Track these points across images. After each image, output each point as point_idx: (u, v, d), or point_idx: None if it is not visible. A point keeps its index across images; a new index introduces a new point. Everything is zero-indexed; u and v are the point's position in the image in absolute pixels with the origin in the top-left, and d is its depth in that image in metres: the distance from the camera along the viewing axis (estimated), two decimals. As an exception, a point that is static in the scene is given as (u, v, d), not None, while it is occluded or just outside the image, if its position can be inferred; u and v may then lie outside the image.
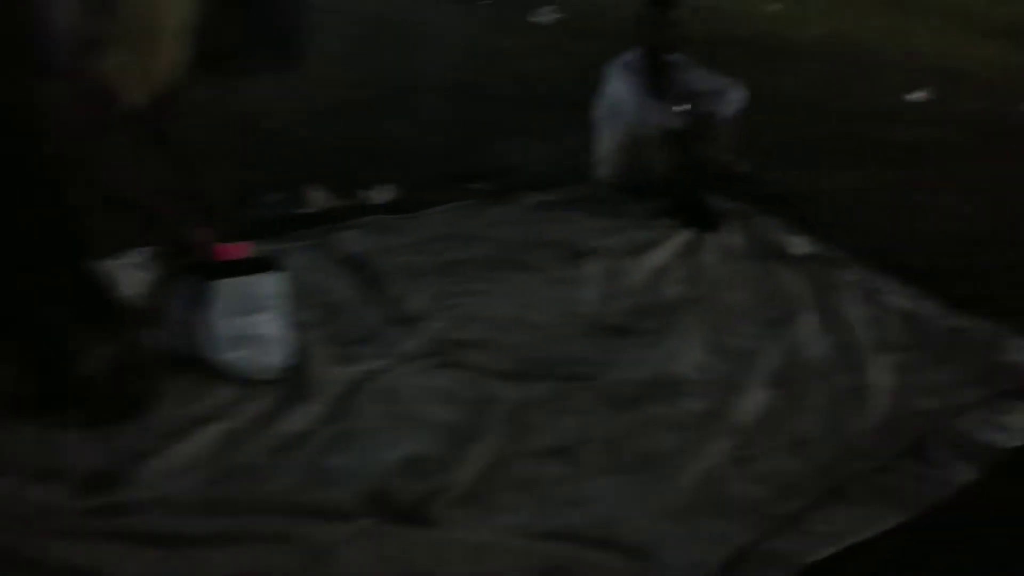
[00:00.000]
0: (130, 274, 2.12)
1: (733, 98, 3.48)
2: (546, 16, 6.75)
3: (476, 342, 2.38)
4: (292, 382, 2.12)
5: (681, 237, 3.25)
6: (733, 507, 1.87)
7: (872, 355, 2.50)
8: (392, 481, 1.81)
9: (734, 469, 2.00)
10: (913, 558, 1.80)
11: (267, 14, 1.84)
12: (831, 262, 3.14)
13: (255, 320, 2.05)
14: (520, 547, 1.68)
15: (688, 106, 3.47)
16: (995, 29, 7.36)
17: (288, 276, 2.18)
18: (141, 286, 2.01)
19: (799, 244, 3.27)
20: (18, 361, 1.58)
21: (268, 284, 2.10)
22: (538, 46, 6.11)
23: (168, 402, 1.95)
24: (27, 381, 1.59)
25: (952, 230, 3.53)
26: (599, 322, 2.58)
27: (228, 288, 1.98)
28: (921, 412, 2.26)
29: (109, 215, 1.74)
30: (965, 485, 2.01)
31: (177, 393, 1.99)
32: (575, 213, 3.43)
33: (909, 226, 3.56)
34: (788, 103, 5.27)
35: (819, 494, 1.93)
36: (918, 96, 5.69)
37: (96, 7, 1.33)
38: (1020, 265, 3.16)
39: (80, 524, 1.58)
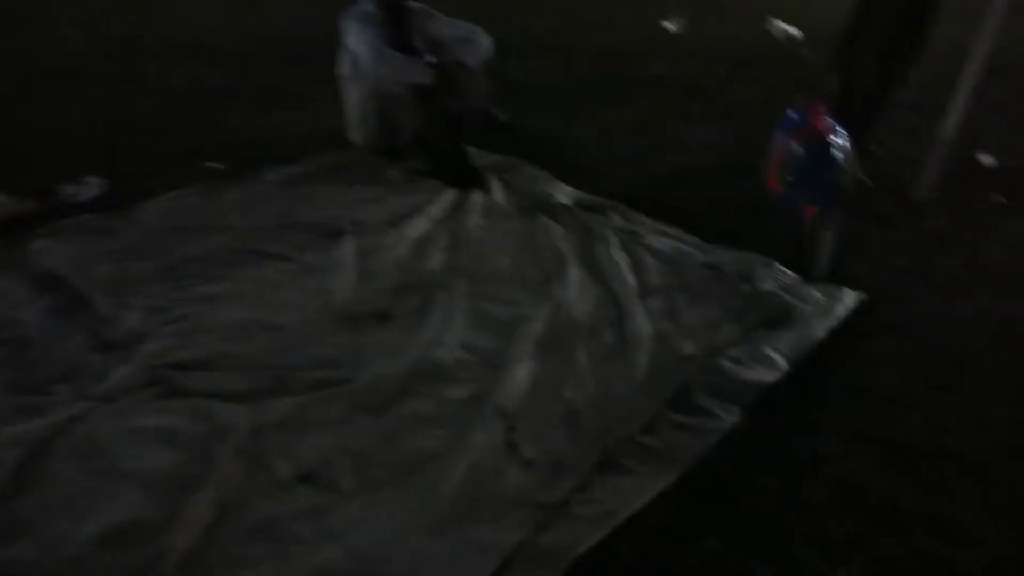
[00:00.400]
0: None
1: (480, 45, 3.27)
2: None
3: (202, 361, 2.04)
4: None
5: (445, 199, 3.04)
6: (502, 503, 1.73)
7: (634, 304, 2.46)
8: (90, 563, 1.48)
9: (503, 458, 1.85)
10: (683, 524, 1.75)
11: None
12: (595, 208, 3.08)
13: None
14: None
15: (434, 57, 3.22)
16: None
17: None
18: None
19: (564, 193, 3.18)
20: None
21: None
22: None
23: None
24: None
25: (704, 162, 3.61)
26: (355, 311, 2.32)
27: None
28: (683, 357, 2.24)
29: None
30: (731, 430, 2.00)
31: None
32: (327, 186, 3.11)
33: (668, 161, 3.59)
34: (544, 45, 5.20)
35: (590, 468, 1.84)
36: (673, 25, 5.84)
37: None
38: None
39: None
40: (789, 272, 2.69)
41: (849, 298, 2.56)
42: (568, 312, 2.41)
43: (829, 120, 2.25)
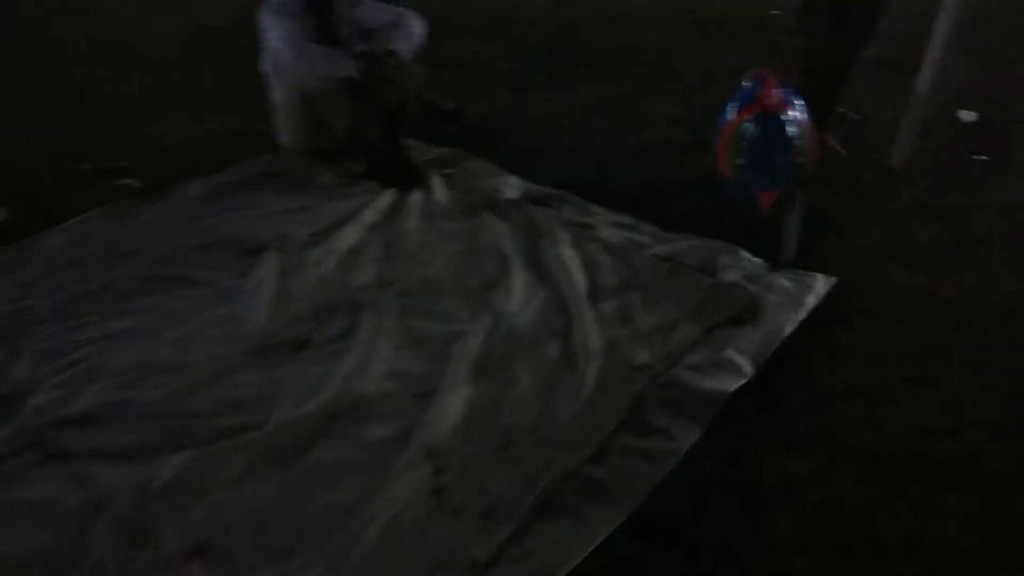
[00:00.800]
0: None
1: (411, 31, 3.01)
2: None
3: (90, 414, 1.81)
4: None
5: (381, 202, 2.80)
6: (426, 565, 1.51)
7: (584, 309, 2.23)
8: None
9: (428, 507, 1.63)
10: (633, 569, 1.53)
11: None
12: (545, 201, 2.84)
13: None
14: None
15: (364, 47, 2.96)
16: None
17: None
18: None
19: (512, 186, 2.94)
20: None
21: None
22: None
23: None
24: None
25: (669, 139, 3.36)
26: (270, 341, 2.09)
27: None
28: (637, 369, 2.02)
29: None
30: (688, 451, 1.78)
31: None
32: (254, 196, 2.86)
33: (628, 141, 3.35)
34: (500, 21, 4.92)
35: (527, 512, 1.62)
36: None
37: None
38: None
39: None
40: (755, 259, 2.46)
41: (820, 284, 2.34)
42: (510, 324, 2.18)
43: (784, 92, 2.00)
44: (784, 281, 2.36)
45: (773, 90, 1.91)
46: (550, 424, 1.85)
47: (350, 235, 2.59)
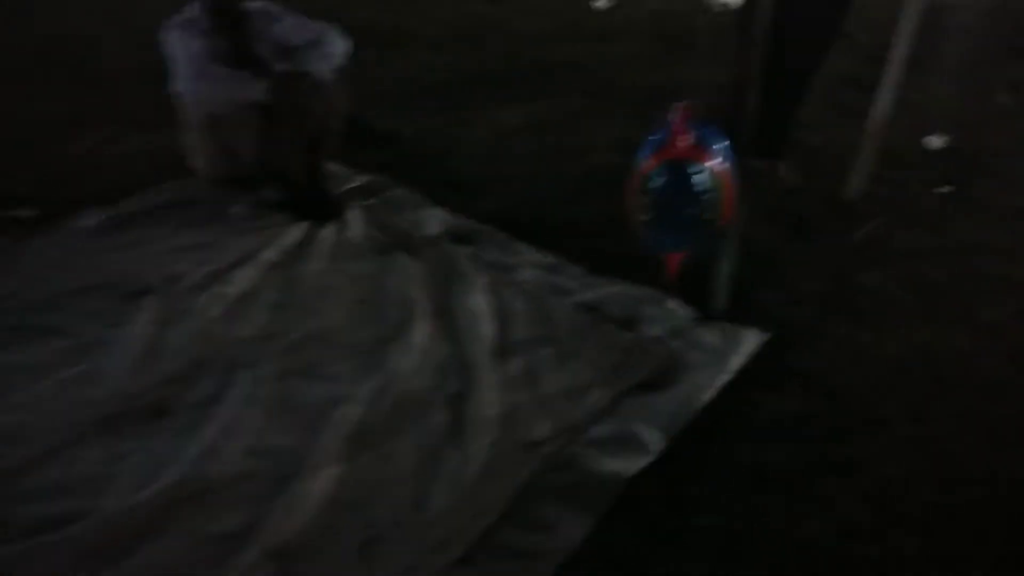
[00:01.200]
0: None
1: (330, 49, 2.78)
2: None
3: None
4: None
5: (287, 239, 2.58)
6: None
7: (486, 369, 2.01)
8: None
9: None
10: None
11: None
12: (467, 238, 2.62)
13: None
14: None
15: (287, 66, 2.74)
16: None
17: None
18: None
19: (434, 220, 2.72)
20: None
21: None
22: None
23: None
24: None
25: (612, 166, 3.13)
26: (124, 407, 1.87)
27: None
28: (532, 445, 1.80)
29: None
30: (575, 551, 1.56)
31: None
32: (153, 228, 2.64)
33: (566, 168, 3.13)
34: (450, 33, 4.68)
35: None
36: (601, 2, 5.32)
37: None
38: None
39: None
40: (682, 309, 2.24)
41: (749, 341, 2.12)
42: (400, 386, 1.97)
43: (701, 132, 1.77)
44: (711, 336, 2.14)
45: (684, 132, 1.67)
46: (422, 516, 1.63)
47: (245, 278, 2.37)
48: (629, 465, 1.74)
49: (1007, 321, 2.18)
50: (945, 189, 2.89)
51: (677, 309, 2.24)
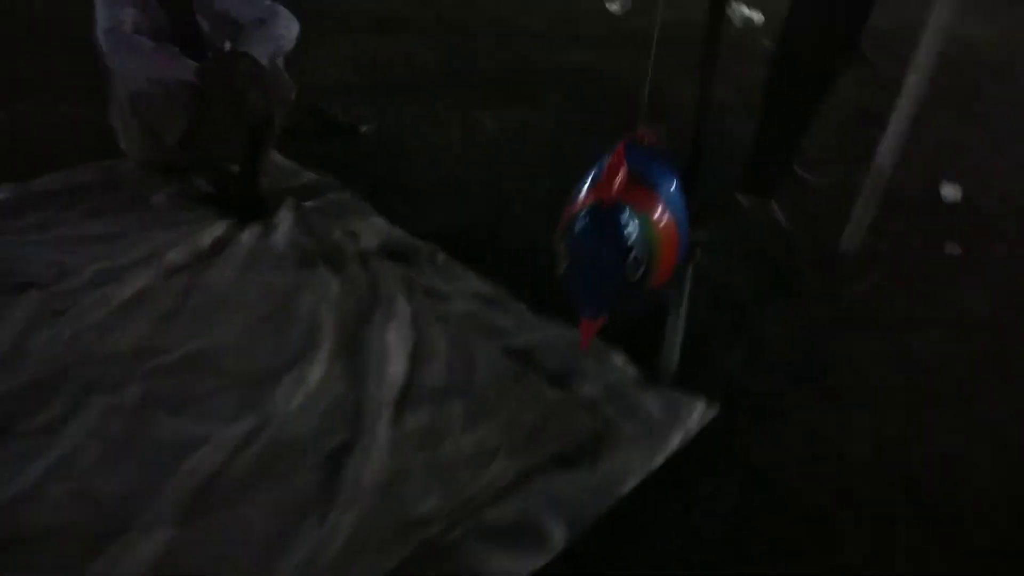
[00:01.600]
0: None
1: (278, 31, 2.48)
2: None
3: None
4: None
5: (204, 237, 2.31)
6: None
7: (381, 422, 1.72)
8: None
9: None
10: None
11: None
12: (404, 255, 2.33)
13: None
14: None
15: (230, 43, 2.47)
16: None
17: None
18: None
19: (373, 232, 2.44)
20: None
21: None
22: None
23: None
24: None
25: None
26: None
27: None
28: (412, 526, 1.51)
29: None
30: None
31: None
32: (60, 213, 2.39)
33: (537, 182, 2.82)
34: (444, 24, 4.39)
35: None
36: (616, 6, 4.99)
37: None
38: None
39: None
40: (627, 365, 1.94)
41: (695, 415, 1.81)
42: (276, 432, 1.68)
43: (646, 168, 1.47)
44: (652, 403, 1.84)
45: (619, 170, 1.36)
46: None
47: (140, 280, 2.10)
48: (521, 565, 1.45)
49: (1005, 421, 1.86)
50: (954, 250, 2.55)
51: (621, 366, 1.94)
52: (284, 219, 2.43)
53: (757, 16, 4.65)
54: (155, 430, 1.66)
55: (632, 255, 1.31)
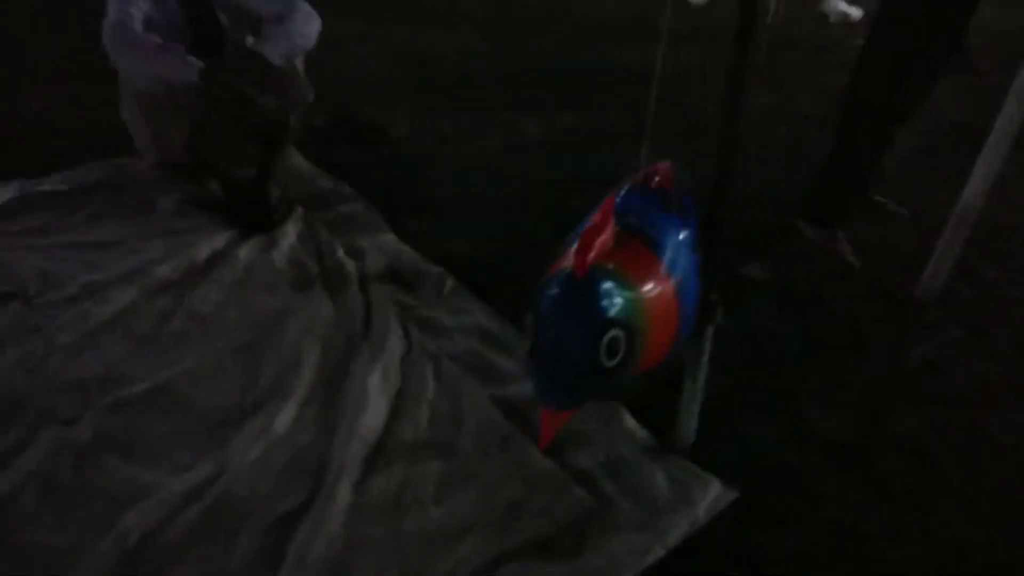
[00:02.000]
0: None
1: (297, 28, 2.31)
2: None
3: None
4: None
5: (201, 251, 2.17)
6: None
7: (345, 480, 1.53)
8: None
9: None
10: None
11: None
12: (409, 280, 2.14)
13: None
14: None
15: (252, 40, 2.32)
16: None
17: None
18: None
19: (381, 251, 2.25)
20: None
21: None
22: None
23: None
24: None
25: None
26: None
27: None
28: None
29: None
30: None
31: None
32: (62, 216, 2.30)
33: (570, 200, 2.56)
34: (503, 17, 4.14)
35: None
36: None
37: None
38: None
39: None
40: (637, 430, 1.68)
41: (710, 497, 1.55)
42: (226, 487, 1.51)
43: (648, 219, 1.20)
44: (661, 479, 1.58)
45: (606, 229, 1.09)
46: None
47: (124, 297, 1.97)
48: None
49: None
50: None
51: (630, 429, 1.69)
52: (291, 231, 2.27)
53: (855, 12, 4.18)
54: (101, 475, 1.52)
55: (609, 336, 1.06)
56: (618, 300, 1.08)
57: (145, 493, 1.48)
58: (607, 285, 1.08)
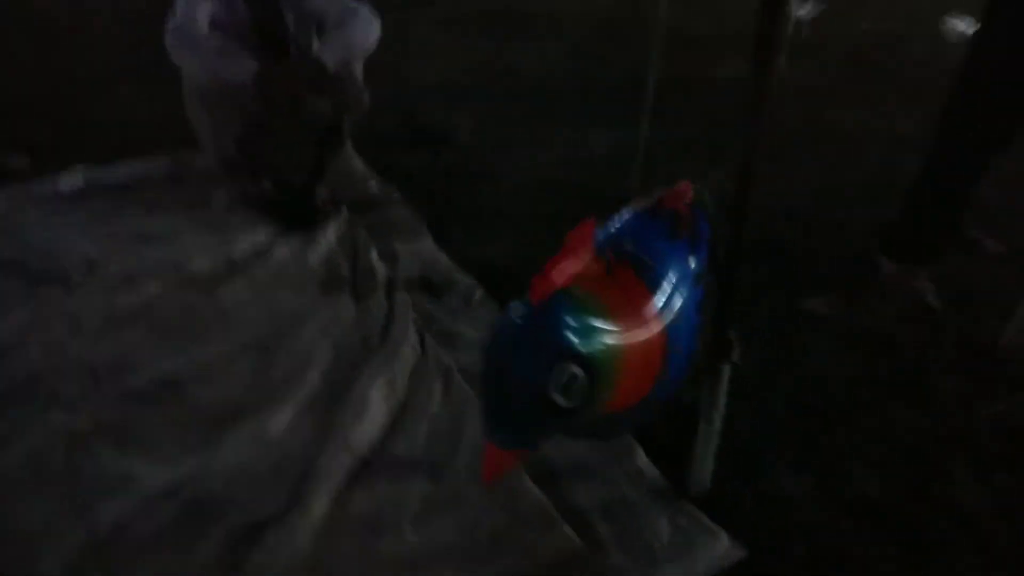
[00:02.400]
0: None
1: (356, 33, 2.31)
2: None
3: None
4: None
5: (239, 246, 2.18)
6: None
7: (320, 498, 1.46)
8: None
9: None
10: None
11: None
12: (437, 289, 2.07)
13: None
14: None
15: (317, 42, 2.34)
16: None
17: None
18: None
19: (416, 258, 2.21)
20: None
21: None
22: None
23: None
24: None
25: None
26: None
27: None
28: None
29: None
30: None
31: None
32: (119, 206, 2.38)
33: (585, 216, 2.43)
34: (606, 27, 4.04)
35: None
36: (807, 11, 4.36)
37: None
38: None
39: None
40: (647, 468, 1.54)
41: (715, 552, 1.37)
42: (204, 489, 1.48)
43: (639, 252, 1.07)
44: (665, 525, 1.42)
45: (579, 252, 0.96)
46: None
47: (153, 288, 1.99)
48: None
49: None
50: None
51: (641, 468, 1.54)
52: (329, 233, 2.25)
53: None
54: (89, 463, 1.52)
55: (566, 372, 0.93)
56: (582, 332, 0.95)
57: (124, 485, 1.46)
58: (571, 315, 0.95)
